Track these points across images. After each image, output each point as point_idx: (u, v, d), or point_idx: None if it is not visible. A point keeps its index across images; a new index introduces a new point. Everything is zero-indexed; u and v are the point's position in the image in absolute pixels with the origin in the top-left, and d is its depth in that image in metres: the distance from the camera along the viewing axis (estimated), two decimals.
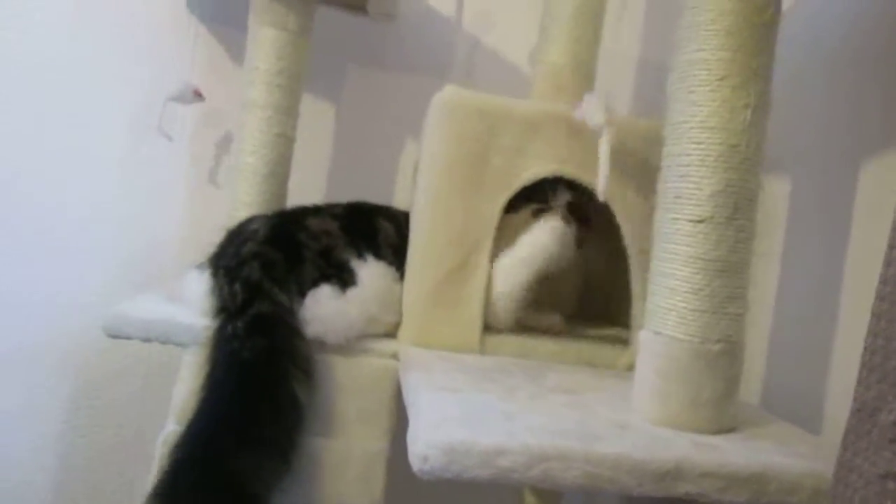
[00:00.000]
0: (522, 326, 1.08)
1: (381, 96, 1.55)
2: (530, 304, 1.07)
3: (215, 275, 1.00)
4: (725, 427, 0.75)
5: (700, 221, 0.72)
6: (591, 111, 0.97)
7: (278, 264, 0.98)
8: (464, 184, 1.00)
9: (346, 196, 1.18)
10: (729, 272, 0.73)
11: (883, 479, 0.45)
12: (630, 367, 0.84)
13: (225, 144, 1.48)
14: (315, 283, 0.98)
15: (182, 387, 1.01)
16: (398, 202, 1.43)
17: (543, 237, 1.04)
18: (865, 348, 0.48)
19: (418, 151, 1.19)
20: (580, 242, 1.10)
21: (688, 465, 0.64)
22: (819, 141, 1.02)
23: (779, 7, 0.75)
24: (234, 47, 1.47)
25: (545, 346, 1.04)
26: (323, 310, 0.97)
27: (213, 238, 1.09)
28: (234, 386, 0.86)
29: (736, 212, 0.72)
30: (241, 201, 1.25)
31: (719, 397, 0.74)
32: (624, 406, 0.79)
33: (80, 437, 1.48)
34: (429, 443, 0.62)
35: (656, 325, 0.76)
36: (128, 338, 1.01)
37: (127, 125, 1.47)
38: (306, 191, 1.43)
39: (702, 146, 0.73)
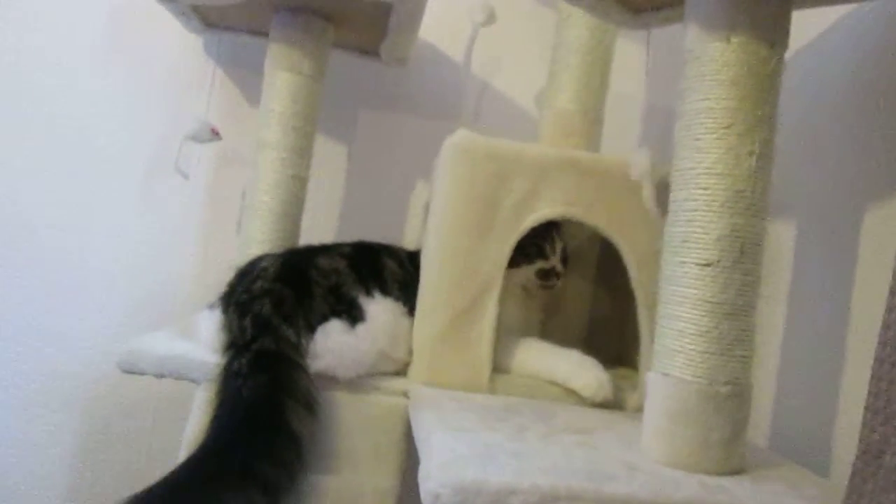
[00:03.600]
0: None
1: (392, 138, 1.58)
2: None
3: (226, 311, 1.02)
4: (734, 468, 0.76)
5: (707, 265, 0.74)
6: (634, 164, 1.01)
7: (288, 301, 1.00)
8: (474, 226, 1.02)
9: (357, 235, 1.20)
10: (736, 315, 0.74)
11: None
12: (639, 408, 0.85)
13: (240, 184, 1.51)
14: (325, 318, 1.00)
15: (193, 422, 1.02)
16: (408, 242, 1.45)
17: (578, 382, 1.03)
18: (869, 392, 0.50)
19: (428, 192, 1.22)
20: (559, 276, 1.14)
21: None
22: (823, 186, 1.04)
23: (782, 58, 0.77)
24: (250, 89, 1.51)
25: (554, 386, 1.05)
26: (333, 343, 0.98)
27: (225, 275, 1.10)
28: (235, 423, 0.87)
29: (742, 256, 0.74)
30: (254, 239, 1.27)
31: (728, 439, 0.74)
32: (633, 447, 0.80)
33: (89, 471, 1.48)
34: (441, 481, 0.63)
35: (664, 366, 0.77)
36: (142, 373, 1.02)
37: (144, 163, 1.51)
38: (318, 230, 1.46)
39: (708, 192, 0.75)
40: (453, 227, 1.03)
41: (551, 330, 1.18)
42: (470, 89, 1.59)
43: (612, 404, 1.02)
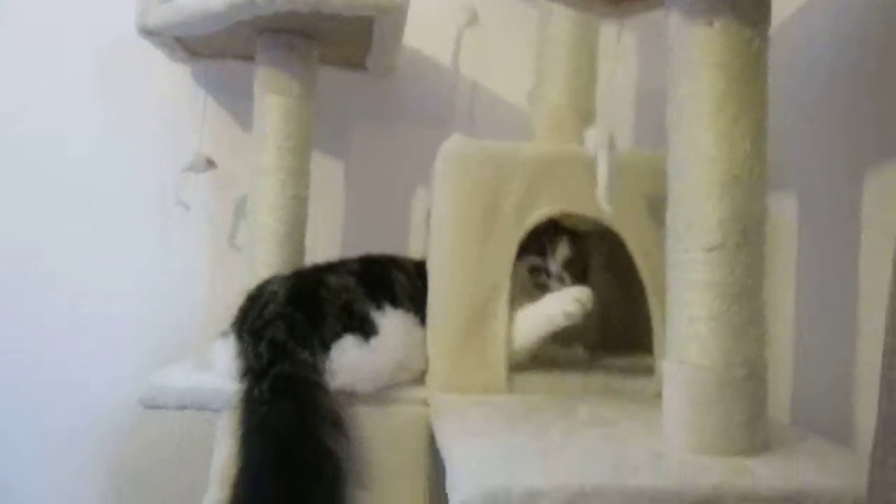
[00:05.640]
0: (545, 360, 1.09)
1: (388, 148, 1.59)
2: (551, 338, 1.09)
3: (240, 338, 1.03)
4: (759, 448, 0.76)
5: (712, 249, 0.74)
6: (589, 141, 1.00)
7: (301, 323, 1.00)
8: (477, 230, 1.03)
9: (361, 249, 1.20)
10: (745, 296, 0.74)
11: None
12: (658, 394, 0.85)
13: (240, 209, 1.51)
14: (338, 336, 1.00)
15: (220, 452, 1.03)
16: (412, 251, 1.45)
17: (566, 307, 1.04)
18: (883, 364, 0.50)
19: (429, 199, 1.22)
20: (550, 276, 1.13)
21: (725, 491, 0.65)
22: (821, 161, 1.04)
23: (765, 37, 0.77)
24: (242, 115, 1.52)
25: (572, 380, 1.05)
26: (349, 359, 0.99)
27: (235, 301, 1.11)
28: (270, 452, 0.88)
29: (746, 237, 0.74)
30: (260, 262, 1.27)
31: (749, 420, 0.75)
32: (657, 435, 0.80)
33: None
34: (468, 491, 0.64)
35: (679, 353, 0.77)
36: (163, 407, 1.03)
37: (146, 200, 1.52)
38: (322, 246, 1.46)
39: (705, 177, 0.75)
40: (456, 233, 1.03)
41: None
42: (461, 92, 1.59)
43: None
